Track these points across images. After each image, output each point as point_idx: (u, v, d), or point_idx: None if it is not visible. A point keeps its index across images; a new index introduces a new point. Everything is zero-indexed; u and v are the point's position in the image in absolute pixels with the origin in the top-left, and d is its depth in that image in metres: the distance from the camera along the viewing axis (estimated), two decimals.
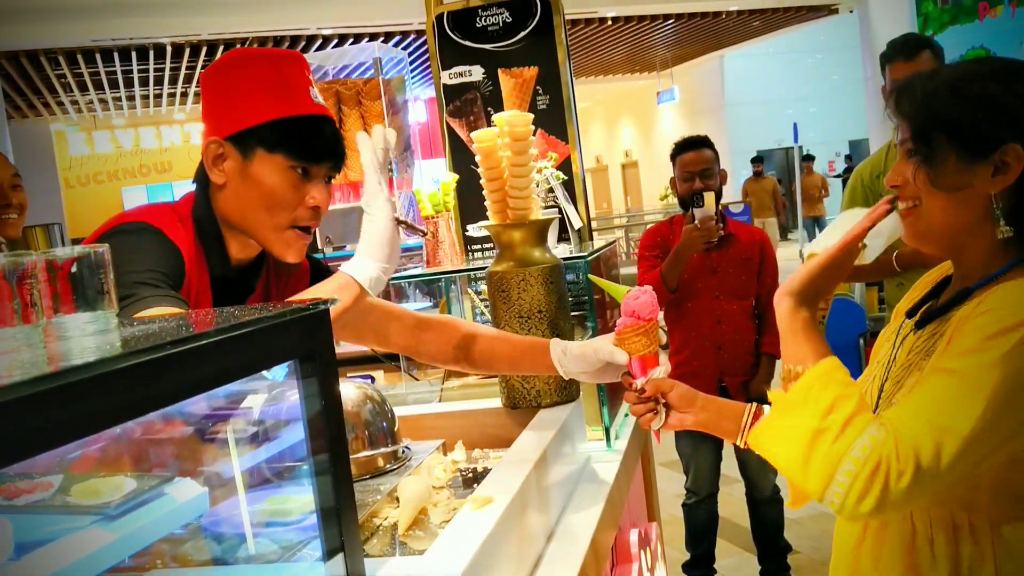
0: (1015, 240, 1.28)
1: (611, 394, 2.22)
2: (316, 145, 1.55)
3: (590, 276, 1.98)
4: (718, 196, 3.35)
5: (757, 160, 15.06)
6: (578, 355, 1.72)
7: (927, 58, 2.90)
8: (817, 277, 1.35)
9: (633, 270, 4.04)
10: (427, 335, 1.90)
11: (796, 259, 10.78)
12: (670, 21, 13.50)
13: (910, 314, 1.43)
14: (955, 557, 1.27)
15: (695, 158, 3.42)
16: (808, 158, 14.80)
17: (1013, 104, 1.26)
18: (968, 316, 1.23)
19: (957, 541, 1.27)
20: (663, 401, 1.55)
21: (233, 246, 1.62)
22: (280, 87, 1.54)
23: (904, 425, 1.16)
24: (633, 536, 1.99)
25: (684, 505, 3.70)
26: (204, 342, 0.84)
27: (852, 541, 1.41)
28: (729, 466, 3.67)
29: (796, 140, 11.84)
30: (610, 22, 12.87)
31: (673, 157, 3.51)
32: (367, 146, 1.47)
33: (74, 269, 0.90)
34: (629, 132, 24.57)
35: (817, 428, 1.19)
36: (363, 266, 1.45)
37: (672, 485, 4.53)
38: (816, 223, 15.34)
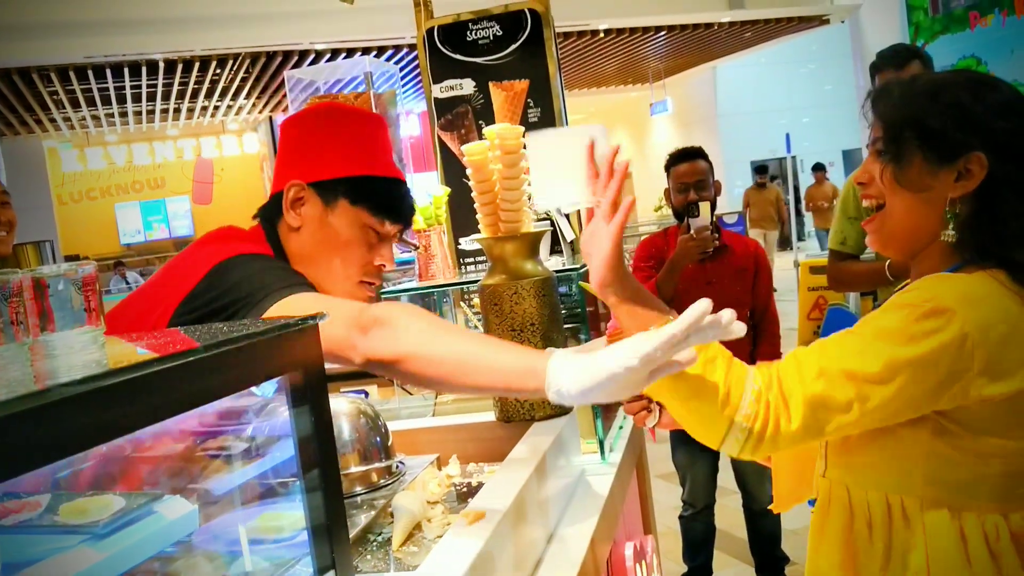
0: (967, 245, 1.32)
1: (605, 407, 2.21)
2: (398, 206, 1.62)
3: (580, 283, 1.98)
4: (712, 207, 3.36)
5: (761, 170, 14.29)
6: None
7: (916, 68, 2.91)
8: (612, 257, 1.34)
9: None
10: None
11: (791, 268, 10.76)
12: (662, 33, 13.54)
13: None
14: (887, 540, 1.32)
15: (689, 169, 3.43)
16: (818, 167, 14.33)
17: (981, 114, 1.30)
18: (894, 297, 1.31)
19: (890, 523, 1.32)
20: (656, 400, 1.57)
21: None
22: (369, 147, 1.61)
23: (794, 371, 1.26)
24: (628, 549, 1.98)
25: (681, 517, 3.69)
26: (192, 359, 0.83)
27: (812, 534, 1.45)
28: (725, 477, 3.67)
29: (789, 150, 11.85)
30: (602, 34, 12.91)
31: (667, 168, 3.52)
32: (692, 314, 1.14)
33: (61, 287, 0.90)
34: (623, 143, 24.56)
35: (698, 392, 1.28)
36: (565, 376, 1.19)
37: (669, 497, 4.52)
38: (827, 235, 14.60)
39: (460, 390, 1.34)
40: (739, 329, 1.17)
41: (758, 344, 3.50)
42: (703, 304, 1.13)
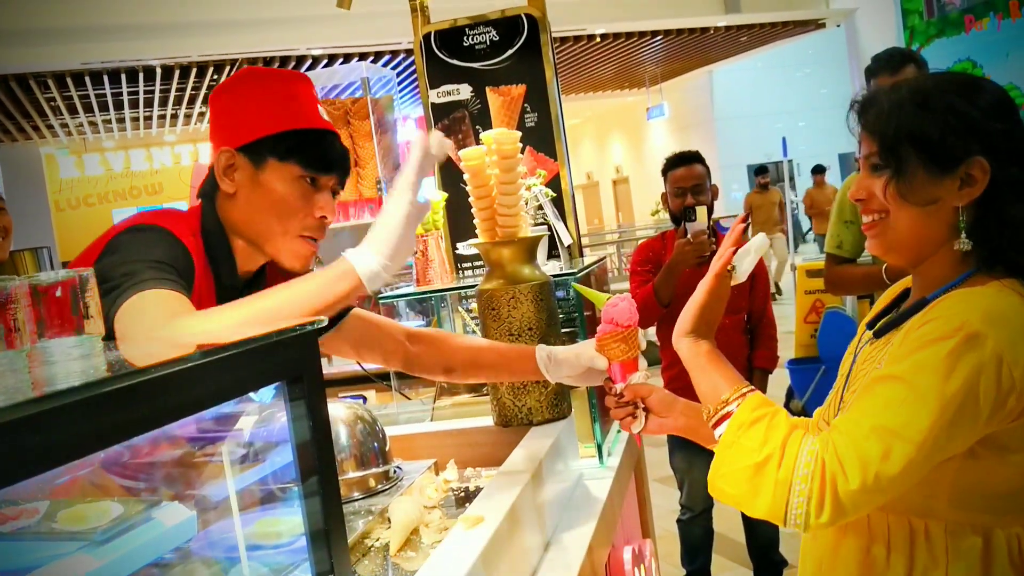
0: (974, 251, 1.31)
1: (603, 411, 2.21)
2: (327, 155, 1.61)
3: (574, 285, 1.99)
4: (710, 211, 3.36)
5: (761, 171, 13.62)
6: (562, 360, 1.75)
7: (911, 72, 2.91)
8: (704, 310, 1.44)
9: (625, 285, 4.04)
10: (418, 348, 1.92)
11: (788, 272, 10.77)
12: (659, 37, 13.54)
13: (870, 325, 1.45)
14: (908, 564, 1.30)
15: (686, 174, 3.43)
16: (818, 169, 13.97)
17: (977, 118, 1.28)
18: (915, 325, 1.27)
19: (913, 547, 1.30)
20: (642, 405, 1.57)
21: (240, 257, 1.64)
22: (291, 102, 1.60)
23: (847, 432, 1.20)
24: (627, 553, 1.98)
25: (679, 521, 3.69)
26: (190, 365, 0.83)
27: (812, 550, 1.44)
28: None
29: (785, 154, 11.83)
30: (599, 39, 12.91)
31: (664, 173, 3.52)
32: (418, 144, 1.45)
33: (58, 293, 0.90)
34: (619, 148, 24.62)
35: (757, 463, 1.23)
36: (365, 257, 1.38)
37: (667, 501, 4.51)
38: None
39: None
40: (448, 145, 1.45)
41: (755, 348, 3.50)
42: (419, 135, 1.39)
